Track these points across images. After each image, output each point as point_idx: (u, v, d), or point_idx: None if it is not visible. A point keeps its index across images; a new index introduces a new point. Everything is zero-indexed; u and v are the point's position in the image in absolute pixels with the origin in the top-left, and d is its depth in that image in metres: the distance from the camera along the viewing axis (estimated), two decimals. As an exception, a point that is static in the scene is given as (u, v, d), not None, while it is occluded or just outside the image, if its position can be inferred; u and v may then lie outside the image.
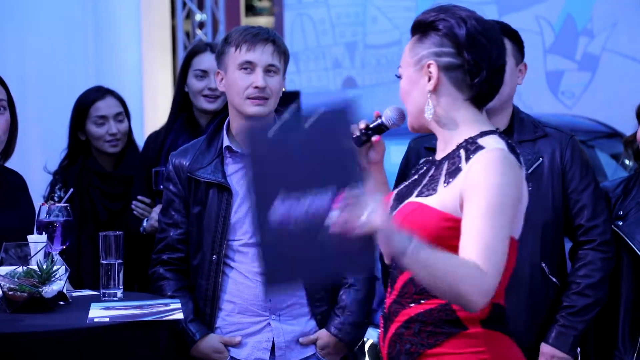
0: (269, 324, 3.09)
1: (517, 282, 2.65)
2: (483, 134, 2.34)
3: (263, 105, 3.06)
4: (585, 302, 3.04)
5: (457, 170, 2.28)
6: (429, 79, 2.34)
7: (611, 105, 7.62)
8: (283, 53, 3.12)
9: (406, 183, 2.46)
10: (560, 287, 3.08)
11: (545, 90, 8.28)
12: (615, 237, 3.11)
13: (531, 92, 7.44)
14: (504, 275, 2.25)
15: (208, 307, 3.09)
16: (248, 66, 3.06)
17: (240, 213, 3.09)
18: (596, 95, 8.15)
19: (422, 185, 2.37)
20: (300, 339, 3.11)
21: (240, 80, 3.05)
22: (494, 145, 2.29)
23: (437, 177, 2.34)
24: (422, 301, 2.33)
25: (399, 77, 2.42)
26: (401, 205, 2.36)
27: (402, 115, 2.43)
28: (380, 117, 2.42)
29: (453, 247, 2.22)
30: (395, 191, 2.47)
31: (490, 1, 8.43)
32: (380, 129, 2.42)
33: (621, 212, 3.13)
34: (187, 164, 3.14)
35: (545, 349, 3.07)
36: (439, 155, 2.41)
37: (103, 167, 4.05)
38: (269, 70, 3.07)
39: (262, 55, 3.06)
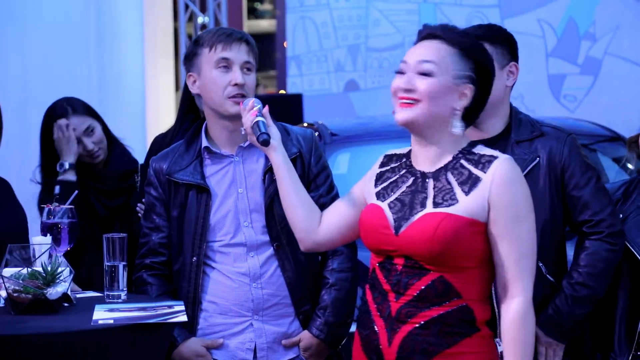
0: (251, 324, 3.09)
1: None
2: (472, 144, 2.53)
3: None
4: (586, 291, 3.03)
5: (476, 179, 2.44)
6: (459, 97, 2.48)
7: (613, 109, 7.63)
8: (255, 53, 3.13)
9: (395, 195, 2.51)
10: (558, 287, 3.07)
11: (548, 93, 8.29)
12: None
13: (533, 95, 7.46)
14: None
15: (189, 309, 3.08)
16: (225, 64, 3.05)
17: (220, 214, 3.08)
18: (598, 99, 8.16)
19: (430, 197, 2.46)
20: (283, 342, 3.10)
21: (218, 79, 3.04)
22: (498, 154, 2.48)
23: (447, 188, 2.45)
24: (444, 303, 2.42)
25: (426, 74, 2.46)
26: (417, 217, 2.44)
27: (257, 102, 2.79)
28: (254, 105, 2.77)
29: (478, 250, 2.43)
30: (387, 203, 2.51)
31: (493, 5, 8.44)
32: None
33: (621, 216, 3.12)
34: (166, 166, 3.14)
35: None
36: (425, 166, 2.52)
37: (92, 166, 4.04)
38: (245, 67, 3.08)
39: (238, 53, 3.05)
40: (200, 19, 8.33)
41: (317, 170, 3.14)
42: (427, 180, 2.49)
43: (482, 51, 2.52)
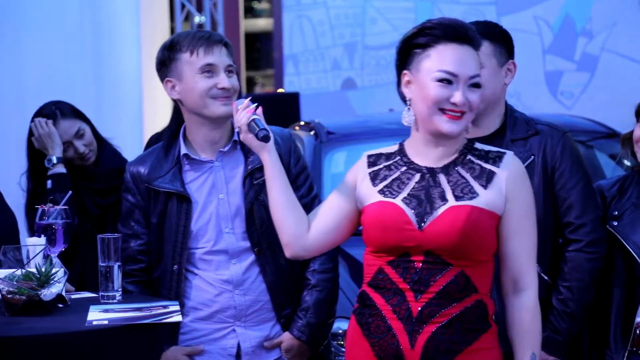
0: (233, 330, 3.08)
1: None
2: (471, 141, 2.58)
3: (229, 104, 3.02)
4: (577, 306, 3.04)
5: (491, 174, 2.50)
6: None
7: (610, 105, 7.62)
8: (233, 54, 3.11)
9: (407, 191, 2.50)
10: (553, 285, 3.08)
11: (544, 90, 8.30)
12: (610, 237, 3.10)
13: (530, 92, 7.45)
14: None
15: None
16: (210, 69, 3.01)
17: (202, 221, 3.05)
18: (595, 96, 8.16)
19: (448, 191, 2.48)
20: (265, 343, 3.09)
21: (202, 84, 2.99)
22: (503, 150, 2.56)
23: (463, 182, 2.49)
24: (464, 299, 2.45)
25: (477, 85, 2.52)
26: (441, 210, 2.45)
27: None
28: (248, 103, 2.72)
29: (493, 243, 2.49)
30: (400, 199, 2.50)
31: (490, 2, 8.45)
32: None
33: (616, 212, 3.12)
34: (145, 172, 3.10)
35: None
36: (428, 162, 2.53)
37: (84, 167, 4.03)
38: (228, 70, 3.05)
39: (220, 57, 3.01)
40: (197, 19, 8.32)
41: (297, 171, 3.11)
42: (437, 175, 2.51)
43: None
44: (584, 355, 3.22)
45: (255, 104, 2.73)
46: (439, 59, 2.46)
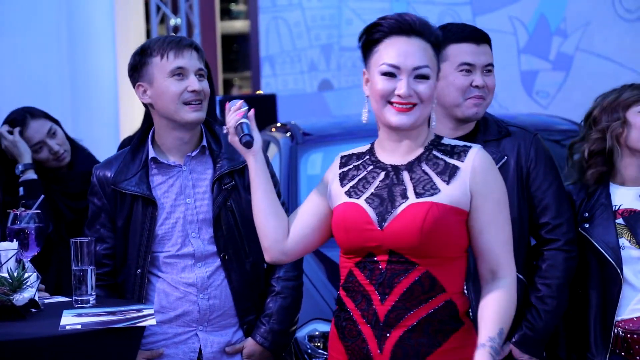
0: (196, 334, 3.07)
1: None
2: (438, 137, 2.55)
3: (200, 110, 3.02)
4: (556, 303, 3.05)
5: (454, 169, 2.46)
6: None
7: (585, 104, 7.61)
8: (204, 59, 3.11)
9: (370, 191, 2.50)
10: (527, 284, 3.09)
11: (520, 90, 8.34)
12: (581, 239, 3.12)
13: (506, 92, 7.49)
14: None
15: None
16: (180, 72, 3.01)
17: (167, 225, 3.05)
18: (570, 95, 8.20)
19: (409, 188, 2.45)
20: (227, 348, 3.09)
21: (173, 87, 2.99)
22: (470, 144, 2.52)
23: (425, 178, 2.46)
24: (430, 300, 2.42)
25: (424, 77, 2.49)
26: (401, 208, 2.43)
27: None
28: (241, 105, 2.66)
29: (462, 238, 2.46)
30: (363, 199, 2.49)
31: (465, 2, 8.47)
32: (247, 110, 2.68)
33: (586, 214, 3.15)
34: (112, 175, 3.09)
35: (509, 348, 3.07)
36: (394, 159, 2.52)
37: (56, 170, 4.01)
38: (198, 74, 3.04)
39: (191, 60, 3.02)
40: (173, 21, 8.30)
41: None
42: (400, 172, 2.49)
43: (441, 45, 2.56)
44: (562, 361, 3.23)
45: (247, 107, 2.69)
46: (384, 53, 2.48)
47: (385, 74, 2.47)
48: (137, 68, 3.05)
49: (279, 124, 5.78)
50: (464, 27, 3.09)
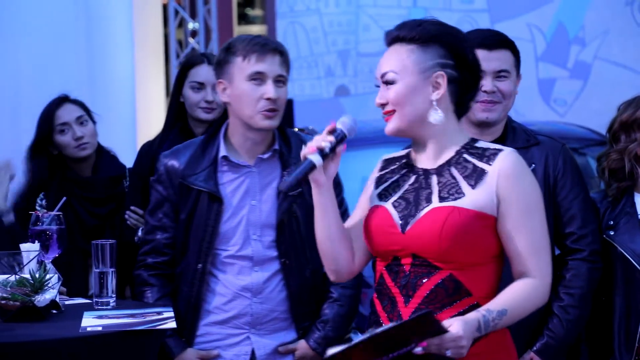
0: (248, 337, 3.08)
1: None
2: (474, 140, 2.51)
3: (273, 118, 3.01)
4: (579, 313, 3.05)
5: (482, 172, 2.41)
6: (434, 89, 2.44)
7: (603, 113, 7.58)
8: (288, 64, 3.06)
9: (399, 194, 2.49)
10: (552, 292, 3.09)
11: (537, 98, 8.31)
12: (605, 247, 3.12)
13: (523, 100, 7.42)
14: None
15: (190, 314, 3.07)
16: (258, 77, 3.00)
17: (231, 224, 3.05)
18: (588, 103, 8.18)
19: (435, 192, 2.43)
20: (280, 348, 3.09)
21: (250, 92, 2.98)
22: (503, 147, 2.46)
23: (452, 182, 2.42)
24: (455, 303, 2.39)
25: (389, 82, 2.46)
26: (423, 213, 2.41)
27: (356, 123, 2.47)
28: (336, 129, 2.42)
29: (487, 244, 2.40)
30: (390, 203, 2.48)
31: (483, 9, 8.46)
32: (342, 139, 2.42)
33: (611, 222, 3.15)
34: (181, 168, 3.09)
35: (530, 356, 3.07)
36: (426, 164, 2.49)
37: (80, 175, 4.02)
38: (278, 80, 3.02)
39: (272, 65, 2.99)
40: (191, 25, 8.32)
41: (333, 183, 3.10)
42: (430, 176, 2.47)
43: (448, 34, 2.46)
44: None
45: (340, 138, 2.41)
46: None
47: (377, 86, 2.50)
48: (221, 64, 3.05)
49: (295, 129, 5.79)
50: (478, 33, 3.10)
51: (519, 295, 2.39)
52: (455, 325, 2.29)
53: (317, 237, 2.52)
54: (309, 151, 2.40)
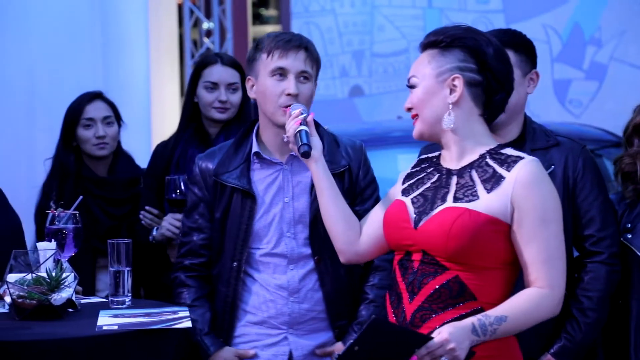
0: (286, 337, 3.08)
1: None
2: (501, 146, 2.52)
3: None
4: (597, 316, 3.04)
5: (499, 178, 2.42)
6: (451, 92, 2.48)
7: (619, 114, 7.56)
8: (315, 60, 3.04)
9: (419, 191, 2.52)
10: (567, 295, 3.08)
11: (553, 99, 8.29)
12: (624, 250, 3.11)
13: (538, 100, 7.43)
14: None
15: (227, 314, 3.07)
16: (280, 72, 2.99)
17: (265, 221, 3.05)
18: (604, 104, 8.15)
19: (451, 192, 2.46)
20: (317, 350, 3.09)
21: (272, 87, 2.98)
22: (525, 155, 2.47)
23: (470, 184, 2.45)
24: (458, 305, 2.39)
25: (412, 87, 2.53)
26: (436, 211, 2.44)
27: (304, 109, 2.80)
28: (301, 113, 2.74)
29: (498, 250, 2.41)
30: (410, 198, 2.53)
31: (498, 10, 8.44)
32: (306, 115, 2.76)
33: (629, 225, 3.14)
34: (213, 167, 3.10)
35: (547, 358, 3.06)
36: (451, 164, 2.53)
37: (97, 174, 4.03)
38: (300, 76, 3.00)
39: (295, 61, 2.98)
40: (205, 25, 8.33)
41: (365, 184, 3.10)
42: (451, 176, 2.50)
43: (470, 38, 2.49)
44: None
45: (304, 114, 2.71)
46: None
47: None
48: (250, 61, 3.07)
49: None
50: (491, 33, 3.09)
51: (523, 304, 2.38)
52: (441, 331, 2.31)
53: (322, 215, 2.67)
54: (296, 125, 2.69)
